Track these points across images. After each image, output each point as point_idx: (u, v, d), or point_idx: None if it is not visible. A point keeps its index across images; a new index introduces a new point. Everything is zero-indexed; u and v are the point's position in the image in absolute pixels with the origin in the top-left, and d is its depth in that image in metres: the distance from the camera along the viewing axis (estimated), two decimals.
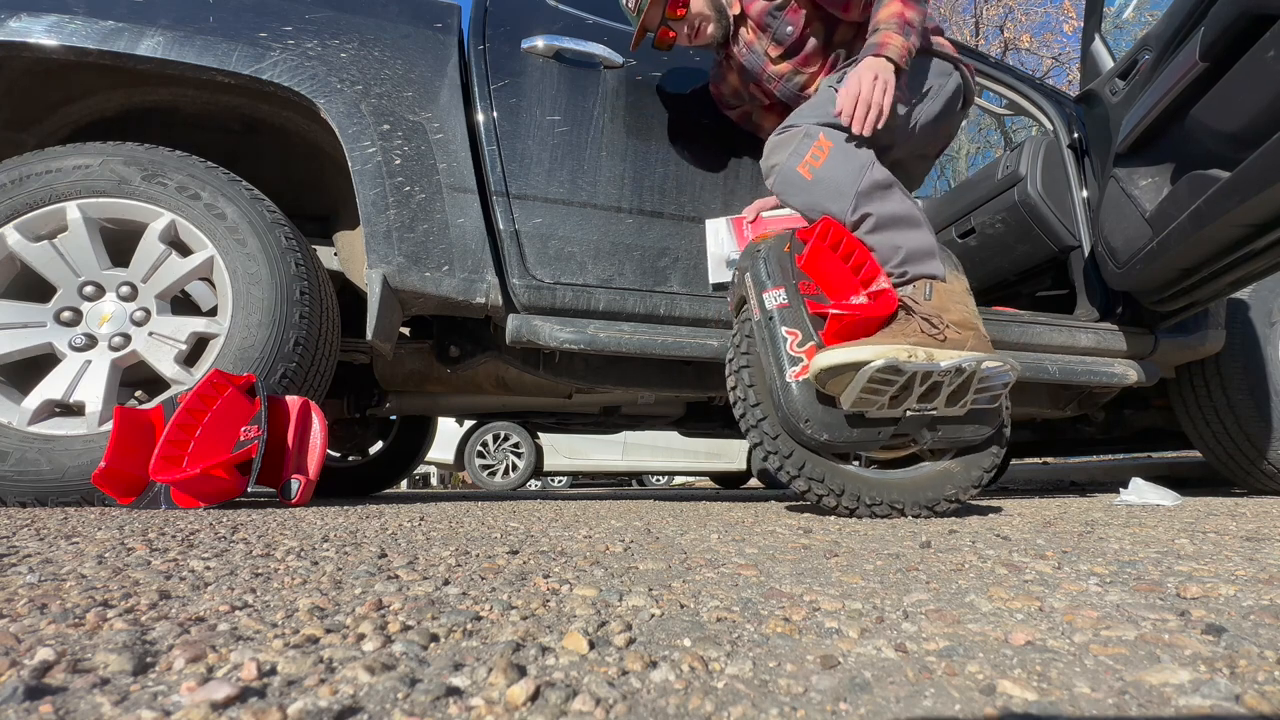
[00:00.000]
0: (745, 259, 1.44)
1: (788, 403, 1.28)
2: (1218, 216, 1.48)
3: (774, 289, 1.35)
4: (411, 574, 0.63)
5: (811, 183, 1.41)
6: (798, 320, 1.32)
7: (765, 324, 1.34)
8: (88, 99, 1.70)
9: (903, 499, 1.32)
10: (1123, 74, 1.90)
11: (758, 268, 1.39)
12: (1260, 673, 0.37)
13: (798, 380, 1.28)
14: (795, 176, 1.42)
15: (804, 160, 1.41)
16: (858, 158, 1.41)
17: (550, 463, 7.15)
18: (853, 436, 1.29)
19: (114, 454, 1.27)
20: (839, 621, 0.48)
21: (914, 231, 1.40)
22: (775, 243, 1.41)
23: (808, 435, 1.28)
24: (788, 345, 1.30)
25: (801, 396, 1.28)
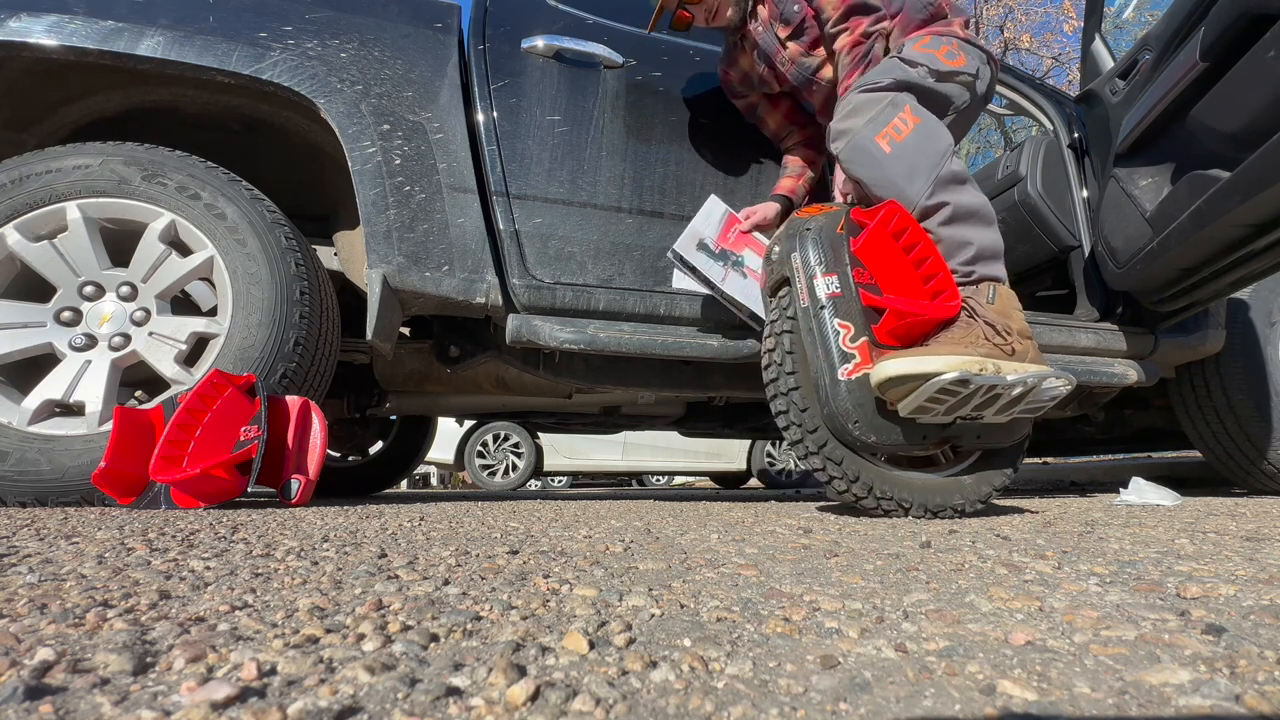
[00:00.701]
0: (790, 238, 1.33)
1: (835, 400, 1.21)
2: (1218, 216, 1.48)
3: (826, 275, 1.25)
4: (411, 574, 0.63)
5: (889, 157, 1.29)
6: (851, 312, 1.23)
7: (815, 313, 1.24)
8: (88, 99, 1.70)
9: (911, 499, 1.30)
10: (1123, 74, 1.90)
11: (807, 249, 1.27)
12: (1260, 673, 0.37)
13: (849, 378, 1.20)
14: (872, 147, 1.31)
15: (884, 130, 1.30)
16: (942, 140, 1.32)
17: (550, 463, 7.14)
18: (899, 440, 1.24)
19: (114, 454, 1.27)
20: (839, 621, 0.48)
21: (987, 230, 1.32)
22: (827, 222, 1.30)
23: (854, 436, 1.22)
24: (840, 339, 1.22)
25: (852, 396, 1.21)
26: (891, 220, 1.24)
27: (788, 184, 1.78)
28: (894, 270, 1.26)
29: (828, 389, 1.22)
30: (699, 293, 1.75)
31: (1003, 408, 1.24)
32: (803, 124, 1.81)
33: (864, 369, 1.22)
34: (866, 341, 1.23)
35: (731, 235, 1.69)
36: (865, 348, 1.22)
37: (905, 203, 1.29)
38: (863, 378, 1.22)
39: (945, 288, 1.27)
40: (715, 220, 1.70)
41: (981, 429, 1.30)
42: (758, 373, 2.10)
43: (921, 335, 1.26)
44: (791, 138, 1.82)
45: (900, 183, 1.29)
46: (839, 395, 1.21)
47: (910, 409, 1.19)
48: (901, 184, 1.29)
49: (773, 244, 1.41)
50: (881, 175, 1.31)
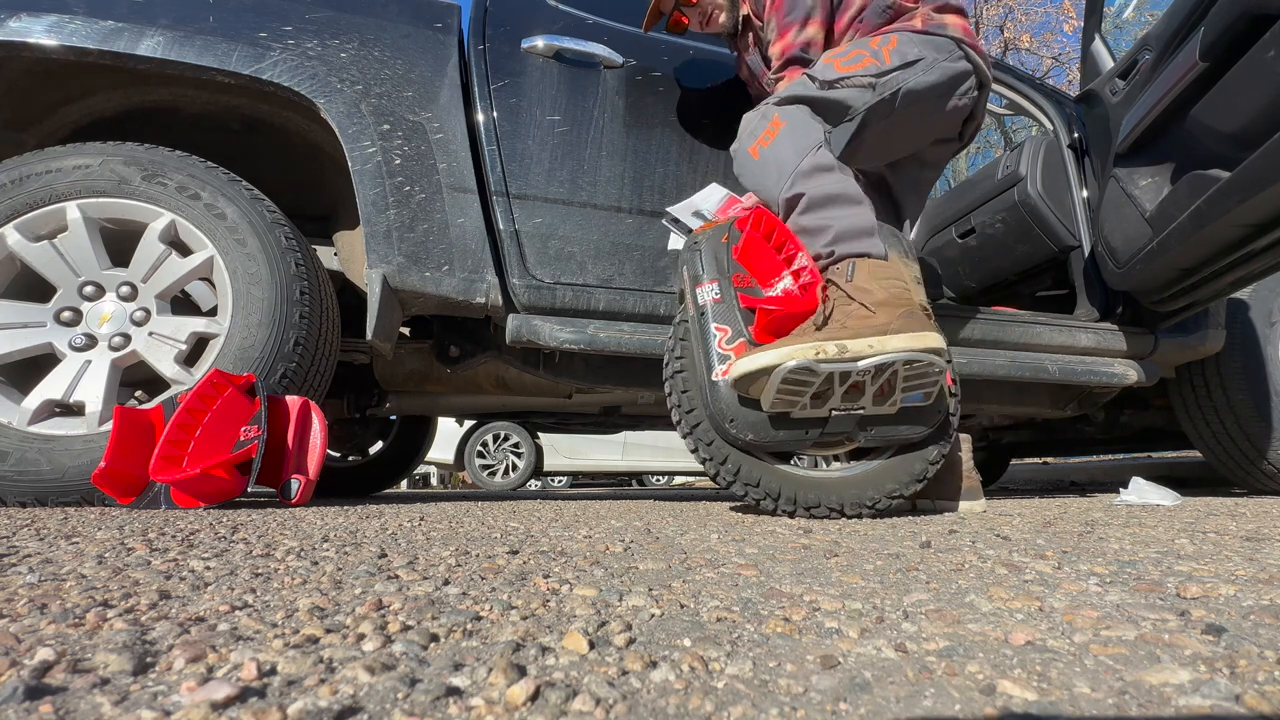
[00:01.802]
0: (685, 251, 1.39)
1: (714, 402, 1.25)
2: (1218, 216, 1.48)
3: (708, 283, 1.31)
4: (411, 574, 0.63)
5: (758, 163, 1.37)
6: (729, 316, 1.28)
7: (698, 320, 1.30)
8: (88, 99, 1.70)
9: (842, 498, 1.29)
10: (1123, 74, 1.90)
11: (694, 261, 1.34)
12: (1260, 673, 0.37)
13: (724, 379, 1.24)
14: (746, 158, 1.40)
15: (756, 141, 1.38)
16: (805, 137, 1.36)
17: (550, 463, 7.15)
18: (779, 437, 1.25)
19: (114, 454, 1.27)
20: (839, 621, 0.48)
21: (848, 209, 1.33)
22: (713, 234, 1.36)
23: (733, 435, 1.25)
24: (717, 342, 1.26)
25: (727, 396, 1.24)
26: (760, 223, 1.31)
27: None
28: (769, 271, 1.32)
29: (707, 391, 1.26)
30: None
31: (877, 395, 1.23)
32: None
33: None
34: (743, 342, 1.26)
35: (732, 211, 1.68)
36: (741, 348, 1.25)
37: (775, 202, 1.35)
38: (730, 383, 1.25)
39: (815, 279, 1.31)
40: (715, 199, 1.69)
41: (870, 420, 1.28)
42: None
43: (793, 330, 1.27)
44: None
45: (769, 184, 1.36)
46: (717, 396, 1.25)
47: (769, 403, 1.20)
48: (770, 185, 1.36)
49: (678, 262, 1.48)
50: (757, 182, 1.39)
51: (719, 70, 1.89)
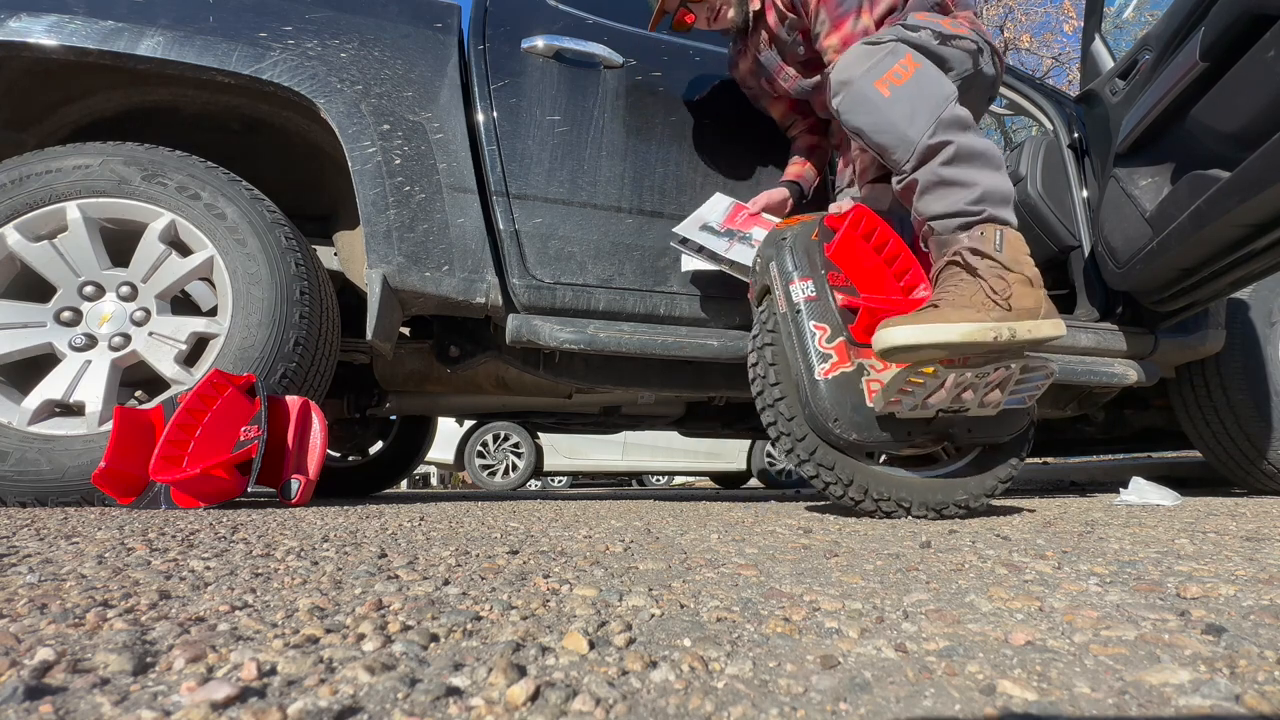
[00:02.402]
0: (769, 247, 1.37)
1: (815, 401, 1.23)
2: (1218, 216, 1.48)
3: (801, 280, 1.28)
4: (411, 574, 0.63)
5: (888, 101, 1.24)
6: (826, 314, 1.26)
7: (792, 318, 1.28)
8: (88, 99, 1.70)
9: (926, 501, 1.30)
10: (1123, 74, 1.90)
11: (783, 257, 1.31)
12: (1260, 673, 0.37)
13: (826, 378, 1.23)
14: (871, 93, 1.25)
15: (884, 76, 1.25)
16: (943, 85, 1.27)
17: (550, 463, 7.14)
18: (881, 436, 1.24)
19: (114, 454, 1.27)
20: (839, 621, 0.48)
21: (993, 172, 1.25)
22: (802, 230, 1.33)
23: (836, 434, 1.23)
24: (816, 341, 1.25)
25: (830, 395, 1.23)
26: (861, 222, 1.27)
27: (795, 170, 1.79)
28: (867, 270, 1.29)
29: (807, 390, 1.25)
30: (698, 294, 1.75)
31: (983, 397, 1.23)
32: (806, 113, 1.82)
33: (842, 368, 1.24)
34: (843, 341, 1.25)
35: (739, 219, 1.69)
36: (842, 347, 1.24)
37: (904, 144, 1.25)
38: (840, 376, 1.23)
39: (918, 283, 1.29)
40: (720, 209, 1.70)
41: (971, 422, 1.29)
42: None
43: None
44: (796, 126, 1.84)
45: (901, 125, 1.24)
46: (818, 395, 1.23)
47: (884, 404, 1.19)
48: (902, 126, 1.24)
49: (756, 255, 1.44)
50: (881, 120, 1.26)
51: (719, 70, 1.89)
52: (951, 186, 1.23)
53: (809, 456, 1.30)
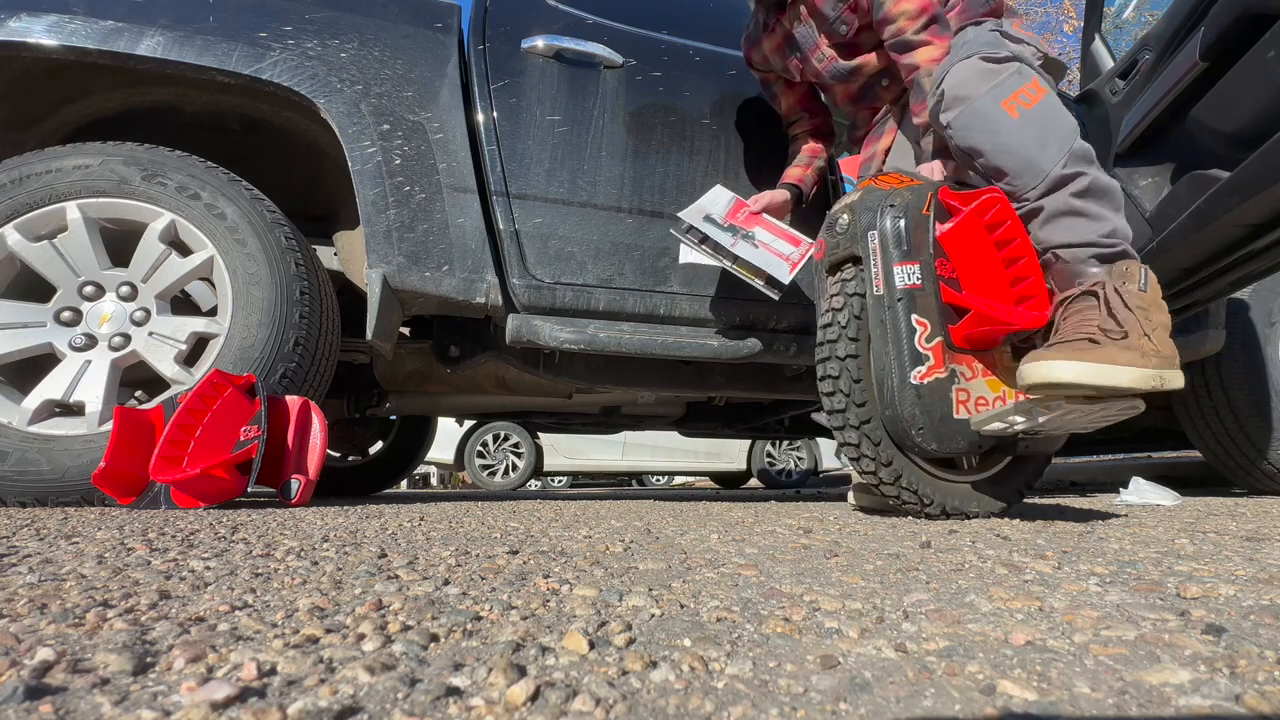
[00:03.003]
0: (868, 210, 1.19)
1: (902, 405, 1.12)
2: (1218, 216, 1.48)
3: (907, 263, 1.13)
4: (411, 574, 0.63)
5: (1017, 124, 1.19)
6: (929, 308, 1.12)
7: (890, 305, 1.14)
8: (88, 99, 1.70)
9: (980, 504, 1.26)
10: (1123, 74, 1.90)
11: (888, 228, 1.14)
12: (1260, 673, 0.37)
13: (922, 383, 1.11)
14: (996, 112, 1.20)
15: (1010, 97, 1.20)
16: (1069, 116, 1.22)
17: (550, 463, 7.15)
18: (960, 447, 1.16)
19: (114, 454, 1.27)
20: (839, 621, 0.48)
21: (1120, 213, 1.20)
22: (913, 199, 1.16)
23: (916, 442, 1.14)
24: (915, 338, 1.11)
25: (921, 402, 1.12)
26: (991, 209, 1.11)
27: (796, 173, 1.75)
28: (980, 266, 1.13)
29: (894, 390, 1.13)
30: (698, 294, 1.75)
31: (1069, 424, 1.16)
32: (814, 112, 1.79)
33: (936, 373, 1.13)
34: (941, 342, 1.13)
35: (740, 215, 1.66)
36: (940, 349, 1.13)
37: (1033, 172, 1.18)
38: (935, 382, 1.13)
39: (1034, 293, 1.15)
40: (722, 203, 1.67)
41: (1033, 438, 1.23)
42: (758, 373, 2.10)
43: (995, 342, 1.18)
44: (800, 124, 1.80)
45: (1031, 150, 1.18)
46: (906, 400, 1.12)
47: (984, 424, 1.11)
48: (1032, 152, 1.18)
49: (839, 212, 1.27)
50: (1007, 142, 1.19)
51: (719, 70, 1.89)
52: (1082, 218, 1.18)
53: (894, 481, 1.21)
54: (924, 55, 1.39)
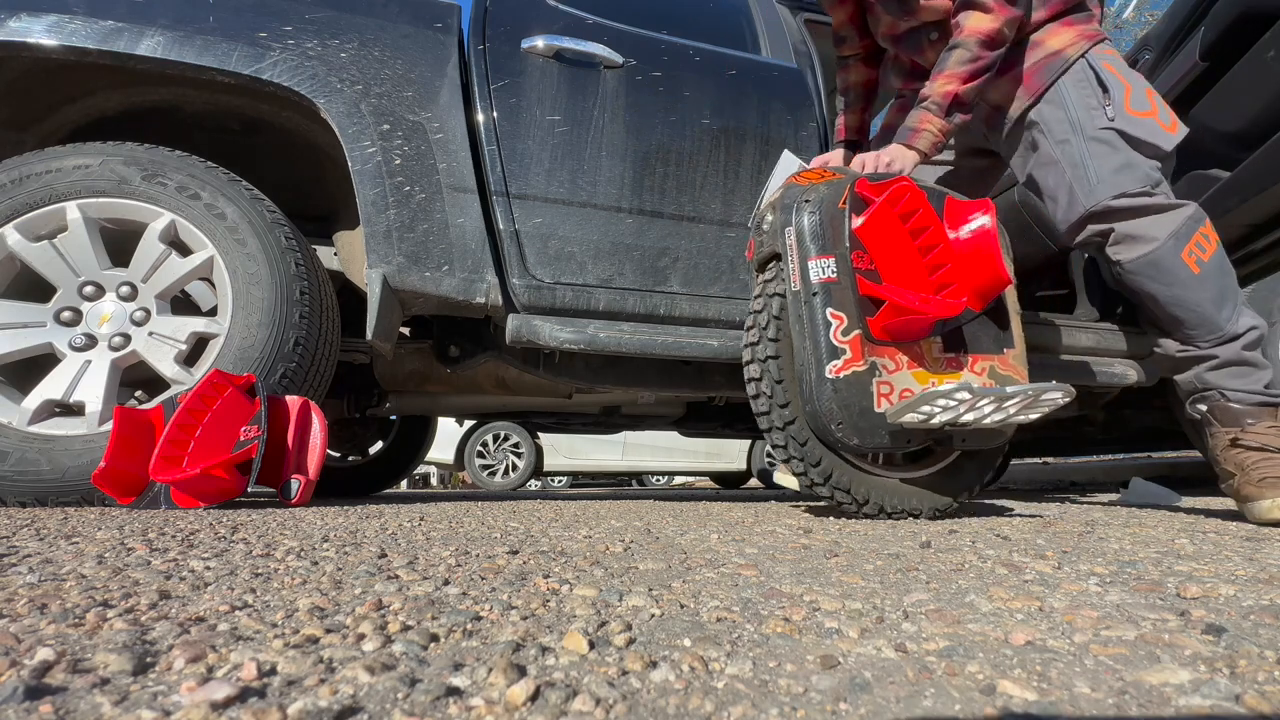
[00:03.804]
0: (785, 208, 1.19)
1: (820, 400, 1.12)
2: (1218, 216, 1.49)
3: (822, 256, 1.12)
4: (411, 574, 0.63)
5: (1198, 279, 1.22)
6: (845, 301, 1.12)
7: (806, 299, 1.13)
8: (88, 99, 1.70)
9: (921, 502, 1.26)
10: None
11: (804, 223, 1.14)
12: (1260, 673, 0.37)
13: (838, 376, 1.10)
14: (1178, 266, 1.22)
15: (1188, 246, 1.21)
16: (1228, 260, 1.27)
17: (550, 463, 7.15)
18: (884, 443, 1.16)
19: (114, 454, 1.27)
20: (839, 621, 0.48)
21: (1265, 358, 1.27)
22: (829, 193, 1.16)
23: (836, 438, 1.14)
24: (831, 332, 1.10)
25: (839, 396, 1.11)
26: (901, 199, 1.10)
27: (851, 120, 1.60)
28: (898, 256, 1.13)
29: (813, 386, 1.13)
30: (699, 294, 1.74)
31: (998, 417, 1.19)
32: (865, 32, 1.59)
33: (854, 366, 1.13)
34: (859, 335, 1.12)
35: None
36: (858, 342, 1.12)
37: (1209, 326, 1.24)
38: (852, 376, 1.12)
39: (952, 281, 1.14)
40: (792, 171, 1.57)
41: (968, 433, 1.24)
42: None
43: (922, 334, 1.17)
44: (849, 45, 1.61)
45: (1207, 307, 1.24)
46: (824, 395, 1.12)
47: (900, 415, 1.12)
48: (1209, 309, 1.24)
49: (765, 211, 1.27)
50: (1186, 296, 1.23)
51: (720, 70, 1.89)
52: (1253, 368, 1.25)
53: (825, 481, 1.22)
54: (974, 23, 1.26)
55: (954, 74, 1.26)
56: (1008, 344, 1.28)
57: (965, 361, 1.22)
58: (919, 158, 1.26)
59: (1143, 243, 1.24)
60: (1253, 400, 1.25)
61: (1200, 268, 1.22)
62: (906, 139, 1.28)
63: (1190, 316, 1.25)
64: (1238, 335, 1.25)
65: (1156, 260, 1.23)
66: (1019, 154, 1.40)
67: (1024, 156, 1.39)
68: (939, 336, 1.22)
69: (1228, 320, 1.24)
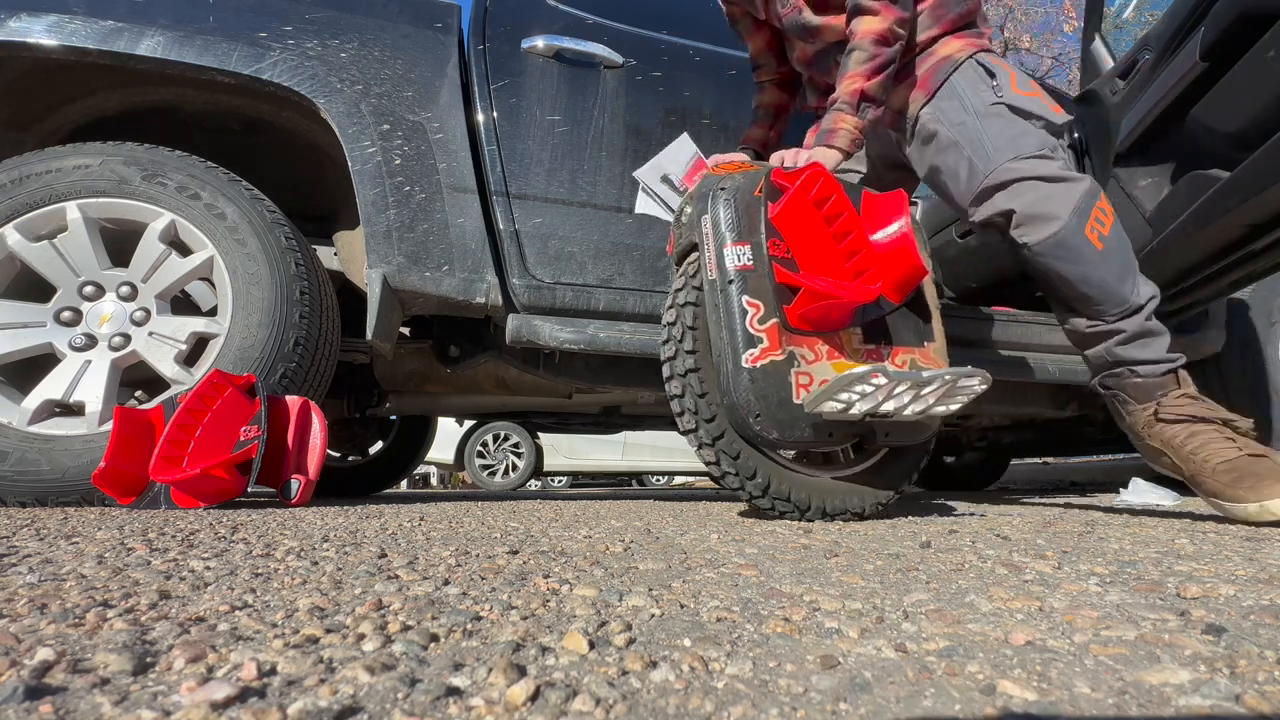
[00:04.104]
0: (701, 198, 1.19)
1: (738, 392, 1.09)
2: (1218, 216, 1.49)
3: (738, 244, 1.11)
4: (411, 574, 0.63)
5: (1102, 255, 1.23)
6: (762, 289, 1.10)
7: (722, 288, 1.12)
8: (88, 99, 1.70)
9: (863, 501, 1.25)
10: (1123, 74, 1.90)
11: (719, 212, 1.13)
12: (1260, 673, 0.37)
13: (754, 366, 1.08)
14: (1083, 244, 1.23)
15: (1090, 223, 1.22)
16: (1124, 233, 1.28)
17: (550, 463, 7.15)
18: (805, 436, 1.13)
19: (114, 454, 1.27)
20: (839, 621, 0.48)
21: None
22: (745, 182, 1.16)
23: (755, 430, 1.10)
24: (747, 320, 1.08)
25: (756, 386, 1.08)
26: (815, 185, 1.09)
27: (757, 134, 1.65)
28: (813, 244, 1.12)
29: (729, 377, 1.09)
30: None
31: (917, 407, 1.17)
32: (782, 58, 1.63)
33: (772, 355, 1.10)
34: (777, 324, 1.10)
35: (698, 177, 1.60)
36: (775, 331, 1.09)
37: (1116, 301, 1.25)
38: (770, 365, 1.09)
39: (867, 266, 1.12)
40: (683, 160, 1.55)
41: (891, 426, 1.22)
42: None
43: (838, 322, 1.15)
44: (765, 70, 1.66)
45: (1112, 283, 1.24)
46: (741, 385, 1.08)
47: (816, 403, 1.09)
48: (1114, 284, 1.24)
49: (682, 204, 1.28)
50: (1093, 274, 1.25)
51: (719, 70, 1.89)
52: (1155, 335, 1.27)
53: (764, 492, 1.19)
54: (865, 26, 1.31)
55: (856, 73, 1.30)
56: (928, 337, 1.27)
57: (886, 354, 1.21)
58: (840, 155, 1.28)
59: (1046, 222, 1.25)
60: (1160, 371, 1.27)
61: (1103, 243, 1.24)
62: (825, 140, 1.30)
63: (1097, 293, 1.26)
64: (1140, 306, 1.26)
65: (1062, 240, 1.24)
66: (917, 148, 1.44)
67: (922, 149, 1.43)
68: (859, 328, 1.20)
69: (1131, 292, 1.25)
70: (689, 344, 1.19)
